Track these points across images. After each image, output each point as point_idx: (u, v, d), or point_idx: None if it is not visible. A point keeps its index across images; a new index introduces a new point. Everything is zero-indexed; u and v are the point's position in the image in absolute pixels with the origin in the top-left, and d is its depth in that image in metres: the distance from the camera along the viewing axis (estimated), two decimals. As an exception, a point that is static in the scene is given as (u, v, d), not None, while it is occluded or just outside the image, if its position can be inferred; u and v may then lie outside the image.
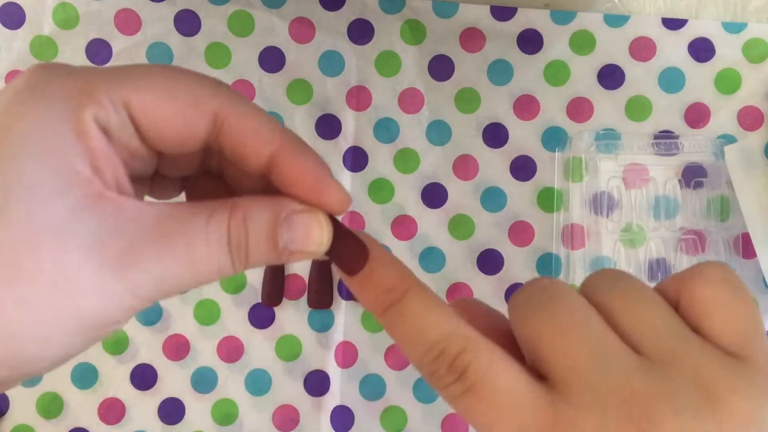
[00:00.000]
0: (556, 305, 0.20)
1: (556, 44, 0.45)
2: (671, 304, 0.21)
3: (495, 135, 0.46)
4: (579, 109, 0.45)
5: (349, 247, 0.21)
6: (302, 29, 0.46)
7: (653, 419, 0.18)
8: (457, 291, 0.45)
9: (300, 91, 0.46)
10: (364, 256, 0.21)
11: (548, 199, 0.45)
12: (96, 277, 0.18)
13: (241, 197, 0.20)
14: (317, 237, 0.21)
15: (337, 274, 0.46)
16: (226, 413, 0.45)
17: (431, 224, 0.46)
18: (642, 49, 0.45)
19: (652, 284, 0.22)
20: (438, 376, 0.20)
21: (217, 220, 0.19)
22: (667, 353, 0.19)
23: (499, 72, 0.45)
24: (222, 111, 0.20)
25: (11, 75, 0.45)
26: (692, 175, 0.45)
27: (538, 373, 0.20)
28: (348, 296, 0.46)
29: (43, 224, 0.18)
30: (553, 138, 0.45)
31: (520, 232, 0.45)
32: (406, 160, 0.46)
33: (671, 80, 0.45)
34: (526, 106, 0.45)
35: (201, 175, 0.24)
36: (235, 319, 0.45)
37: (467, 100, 0.46)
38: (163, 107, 0.20)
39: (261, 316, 0.46)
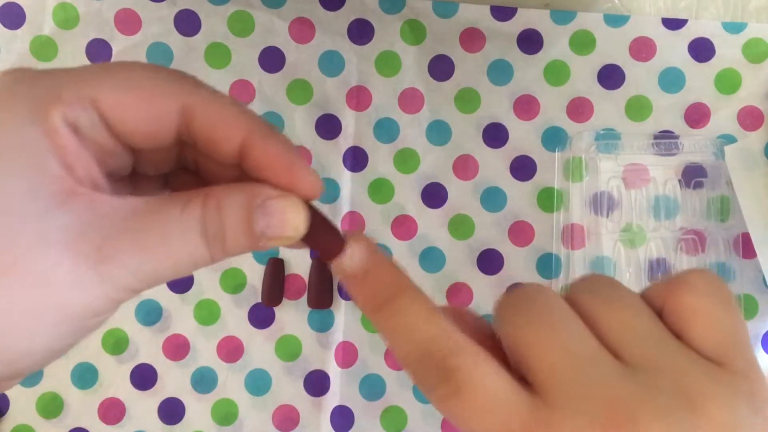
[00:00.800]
0: (539, 311, 0.20)
1: (556, 44, 0.45)
2: (656, 311, 0.21)
3: (495, 135, 0.46)
4: (579, 109, 0.45)
5: (325, 233, 0.21)
6: (302, 29, 0.46)
7: (632, 424, 0.18)
8: (457, 291, 0.45)
9: (300, 91, 0.46)
10: (339, 242, 0.21)
11: (548, 199, 0.45)
12: (73, 272, 0.18)
13: (215, 186, 0.20)
14: (293, 221, 0.21)
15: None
16: (226, 413, 0.45)
17: (431, 224, 0.46)
18: (642, 49, 0.45)
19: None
20: (425, 376, 0.20)
21: (190, 209, 0.19)
22: (648, 359, 0.19)
23: (499, 72, 0.45)
24: (190, 101, 0.20)
25: (11, 75, 0.45)
26: (692, 175, 0.45)
27: (523, 378, 0.20)
28: (348, 296, 0.46)
29: (18, 222, 0.18)
30: (553, 138, 0.45)
31: (520, 232, 0.45)
32: (406, 160, 0.46)
33: (671, 80, 0.45)
34: (526, 106, 0.45)
35: (180, 172, 0.24)
36: (235, 319, 0.45)
37: (467, 100, 0.46)
38: (130, 102, 0.20)
39: (261, 316, 0.46)
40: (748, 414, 0.19)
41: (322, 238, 0.21)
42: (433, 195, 0.46)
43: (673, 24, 0.45)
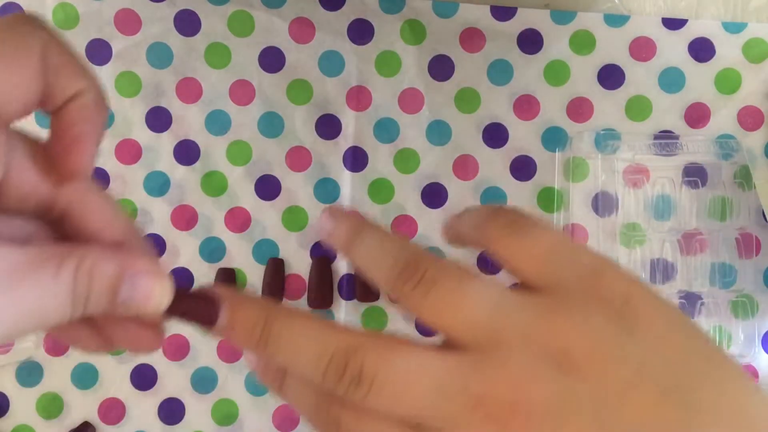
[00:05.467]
0: (445, 285, 0.21)
1: (556, 44, 0.45)
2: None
3: (495, 135, 0.46)
4: (579, 109, 0.45)
5: (199, 306, 0.22)
6: (302, 29, 0.46)
7: (569, 348, 0.19)
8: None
9: (300, 91, 0.46)
10: (215, 310, 0.22)
11: (548, 199, 0.45)
12: None
13: (90, 247, 0.20)
14: (156, 300, 0.21)
15: (337, 274, 0.46)
16: (226, 413, 0.45)
17: (431, 224, 0.46)
18: (642, 49, 0.45)
19: (653, 284, 0.22)
20: (336, 388, 0.20)
21: (64, 274, 0.19)
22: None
23: (499, 72, 0.45)
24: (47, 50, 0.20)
25: (11, 75, 0.45)
26: (692, 175, 0.45)
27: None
28: (348, 296, 0.46)
29: None
30: (553, 138, 0.45)
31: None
32: (406, 160, 0.46)
33: (671, 80, 0.45)
34: (526, 106, 0.45)
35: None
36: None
37: (467, 100, 0.46)
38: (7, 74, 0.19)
39: (261, 316, 0.45)
40: (603, 322, 0.20)
41: (198, 311, 0.22)
42: (433, 195, 0.46)
43: (673, 24, 0.45)
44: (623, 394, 0.19)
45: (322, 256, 0.46)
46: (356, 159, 0.46)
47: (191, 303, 0.22)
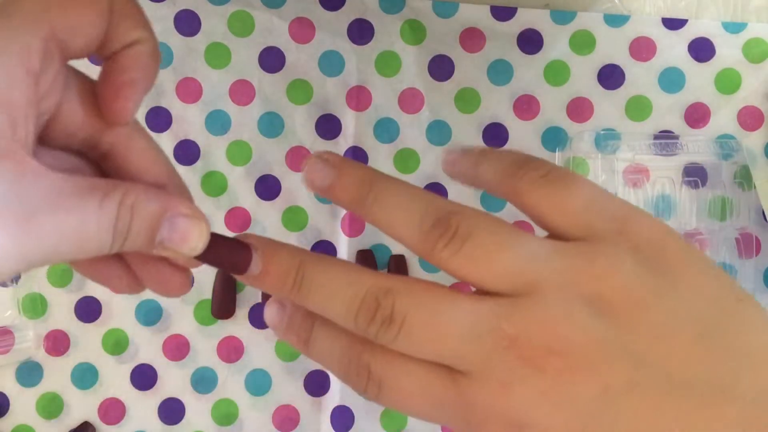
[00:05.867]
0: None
1: (556, 44, 0.45)
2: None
3: (495, 135, 0.46)
4: (579, 109, 0.45)
5: (233, 252, 0.22)
6: (302, 29, 0.46)
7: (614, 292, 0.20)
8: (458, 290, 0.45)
9: (300, 91, 0.46)
10: (248, 256, 0.22)
11: (548, 199, 0.45)
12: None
13: (135, 185, 0.21)
14: (192, 243, 0.21)
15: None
16: (226, 413, 0.45)
17: (431, 224, 0.45)
18: (642, 49, 0.45)
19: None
20: (368, 329, 0.21)
21: (108, 205, 0.20)
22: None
23: (499, 72, 0.45)
24: None
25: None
26: (692, 175, 0.45)
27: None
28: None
29: None
30: (553, 138, 0.45)
31: (524, 228, 0.45)
32: (406, 160, 0.46)
33: (671, 80, 0.45)
34: (526, 106, 0.45)
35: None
36: (234, 319, 0.45)
37: (467, 100, 0.46)
38: (78, 13, 0.20)
39: (261, 316, 0.46)
40: (637, 267, 0.20)
41: (227, 257, 0.22)
42: (433, 195, 0.46)
43: (673, 24, 0.45)
44: (659, 338, 0.20)
45: (322, 256, 0.45)
46: (356, 159, 0.46)
47: (225, 249, 0.22)
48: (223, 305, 0.45)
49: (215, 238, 0.22)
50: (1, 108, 0.18)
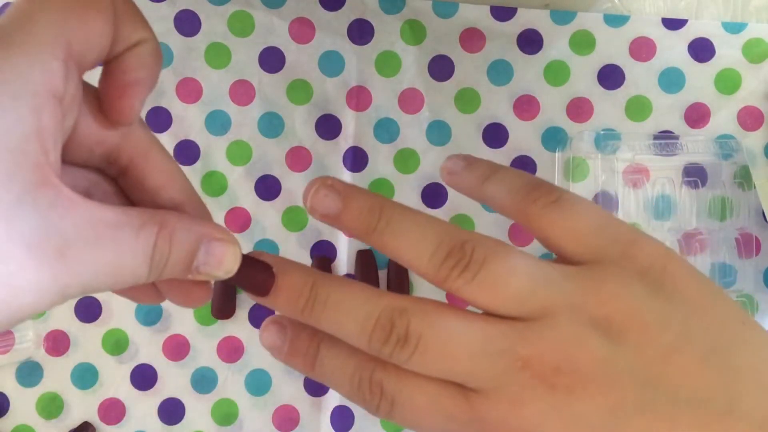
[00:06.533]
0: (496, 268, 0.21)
1: (556, 44, 0.45)
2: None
3: (495, 135, 0.46)
4: (579, 109, 0.45)
5: (257, 273, 0.22)
6: (302, 29, 0.46)
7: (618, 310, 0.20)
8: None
9: (300, 91, 0.46)
10: (271, 278, 0.22)
11: (548, 199, 0.45)
12: (35, 275, 0.18)
13: (169, 213, 0.21)
14: (227, 265, 0.21)
15: (336, 273, 0.46)
16: (226, 413, 0.45)
17: (431, 224, 0.45)
18: (642, 49, 0.45)
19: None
20: (382, 349, 0.21)
21: (145, 236, 0.20)
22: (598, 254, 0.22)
23: (499, 72, 0.45)
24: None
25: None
26: (692, 175, 0.45)
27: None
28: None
29: None
30: (553, 138, 0.45)
31: (521, 232, 0.45)
32: (406, 160, 0.46)
33: (671, 80, 0.45)
34: (526, 106, 0.45)
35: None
36: (234, 319, 0.45)
37: (467, 100, 0.46)
38: (93, 26, 0.20)
39: (261, 316, 0.46)
40: (644, 290, 0.21)
41: (254, 279, 0.22)
42: (433, 195, 0.46)
43: (673, 24, 0.45)
44: (665, 358, 0.20)
45: (322, 256, 0.46)
46: (356, 159, 0.46)
47: (252, 270, 0.22)
48: (223, 305, 0.45)
49: (244, 259, 0.22)
50: (33, 137, 0.18)
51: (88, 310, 0.45)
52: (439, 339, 0.20)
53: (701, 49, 0.45)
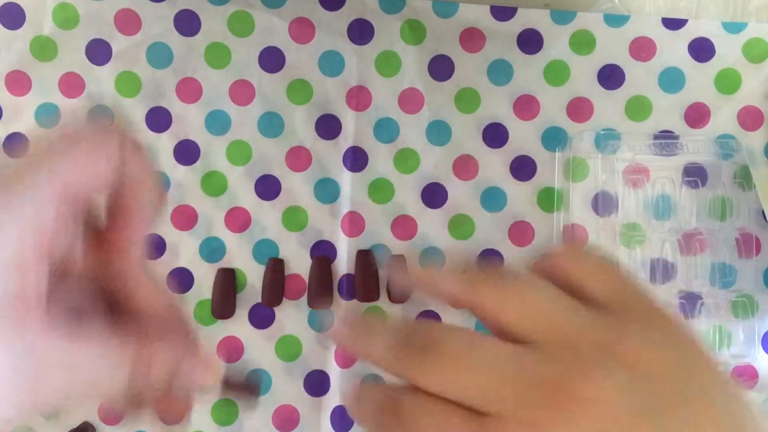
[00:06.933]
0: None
1: (556, 44, 0.45)
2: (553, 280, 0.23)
3: (495, 135, 0.46)
4: (579, 109, 0.45)
5: (242, 388, 0.24)
6: (302, 29, 0.46)
7: (573, 395, 0.20)
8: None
9: (300, 91, 0.46)
10: (255, 394, 0.24)
11: (548, 199, 0.45)
12: (8, 399, 0.19)
13: (147, 336, 0.22)
14: (208, 383, 0.23)
15: (336, 274, 0.46)
16: (226, 413, 0.45)
17: (431, 224, 0.46)
18: (642, 49, 0.45)
19: (653, 285, 0.22)
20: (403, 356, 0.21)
21: (123, 361, 0.21)
22: (555, 333, 0.21)
23: (499, 72, 0.45)
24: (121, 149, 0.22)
25: (11, 75, 0.45)
26: (692, 175, 0.45)
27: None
28: (348, 296, 0.46)
29: None
30: (553, 138, 0.45)
31: (521, 233, 0.45)
32: (406, 160, 0.46)
33: (671, 80, 0.45)
34: (526, 106, 0.45)
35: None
36: (234, 319, 0.45)
37: (467, 100, 0.46)
38: (88, 167, 0.21)
39: (261, 316, 0.46)
40: (660, 339, 0.21)
41: (238, 392, 0.24)
42: (433, 195, 0.46)
43: (673, 24, 0.45)
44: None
45: (322, 256, 0.46)
46: (356, 159, 0.46)
47: (233, 387, 0.24)
48: (223, 305, 0.45)
49: (226, 376, 0.23)
50: (14, 269, 0.19)
51: (88, 310, 0.45)
52: (459, 350, 0.21)
53: (701, 49, 0.45)
